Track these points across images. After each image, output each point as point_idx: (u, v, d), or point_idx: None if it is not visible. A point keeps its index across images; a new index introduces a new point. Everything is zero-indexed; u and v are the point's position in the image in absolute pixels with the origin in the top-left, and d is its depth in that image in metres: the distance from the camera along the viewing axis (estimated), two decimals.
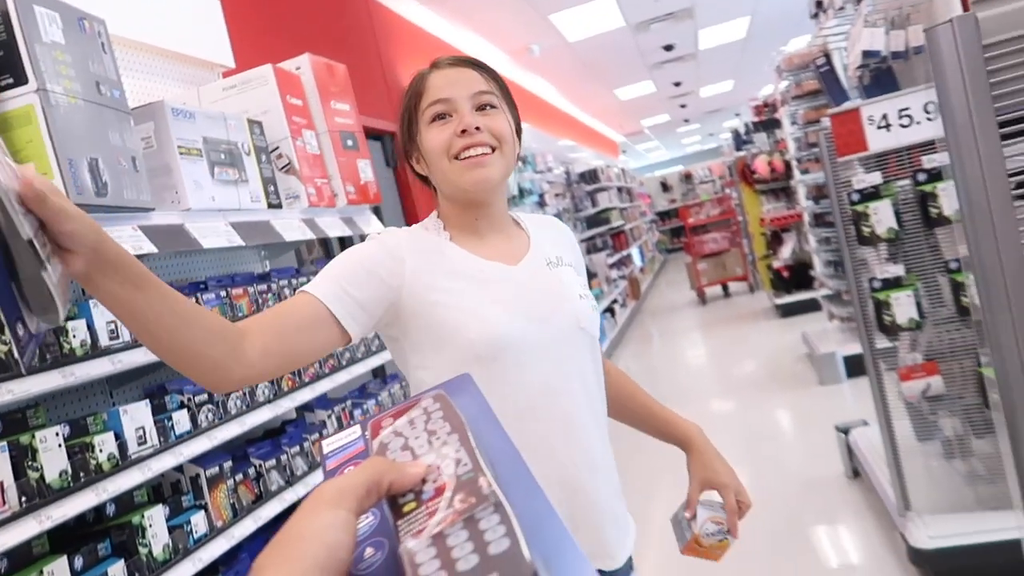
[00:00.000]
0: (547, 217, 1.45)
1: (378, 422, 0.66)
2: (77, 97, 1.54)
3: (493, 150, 1.23)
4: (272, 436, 2.37)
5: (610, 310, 9.02)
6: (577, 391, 1.22)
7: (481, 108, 1.24)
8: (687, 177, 22.82)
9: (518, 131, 1.31)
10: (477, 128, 1.21)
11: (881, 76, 3.04)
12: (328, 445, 0.68)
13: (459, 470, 0.54)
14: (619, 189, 13.10)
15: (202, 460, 1.95)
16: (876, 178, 2.75)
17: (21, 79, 1.44)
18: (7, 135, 1.45)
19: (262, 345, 1.03)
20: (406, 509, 0.53)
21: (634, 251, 12.95)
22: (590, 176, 10.77)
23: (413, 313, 1.19)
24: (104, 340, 1.67)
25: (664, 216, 22.28)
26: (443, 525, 0.49)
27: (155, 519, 1.73)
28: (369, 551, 0.54)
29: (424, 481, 0.55)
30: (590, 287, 1.47)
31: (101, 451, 1.61)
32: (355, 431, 0.69)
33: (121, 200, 1.61)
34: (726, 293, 11.36)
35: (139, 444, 1.71)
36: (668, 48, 9.84)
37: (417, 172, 1.33)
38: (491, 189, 1.25)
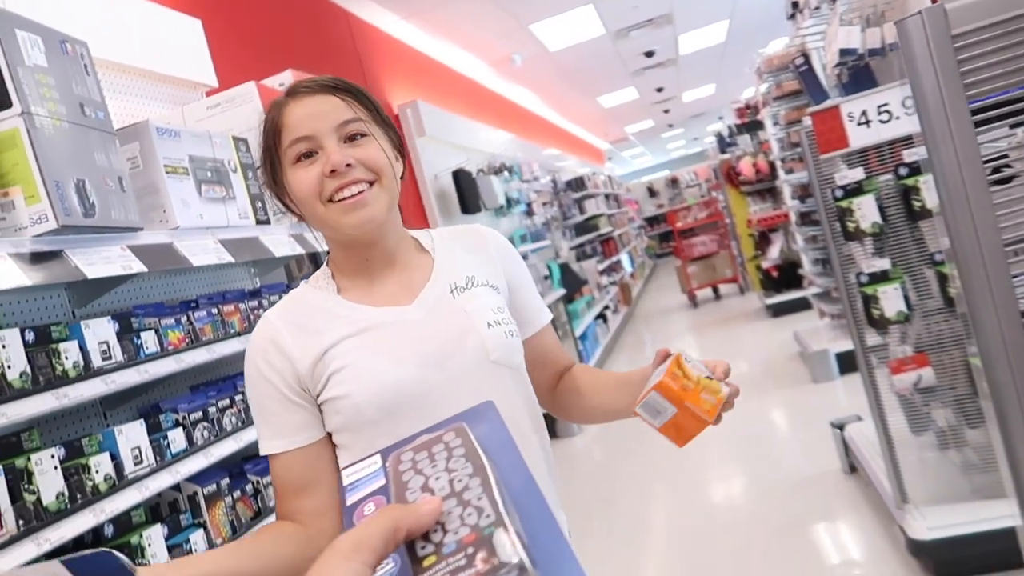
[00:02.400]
0: (466, 228, 1.29)
1: (398, 454, 0.65)
2: (62, 119, 1.55)
3: (372, 184, 1.09)
4: None
5: (602, 316, 9.03)
6: None
7: (350, 139, 1.10)
8: (673, 182, 22.92)
9: (400, 151, 1.18)
10: (348, 165, 1.07)
11: (859, 73, 3.08)
12: (348, 476, 0.68)
13: (481, 521, 0.52)
14: (606, 196, 13.15)
15: (199, 478, 1.95)
16: (859, 174, 2.78)
17: (5, 103, 1.45)
18: None
19: (310, 510, 1.09)
20: (426, 563, 0.51)
21: (624, 257, 12.99)
22: (577, 184, 10.81)
23: (319, 393, 1.12)
24: (97, 361, 1.68)
25: (652, 221, 22.36)
26: None
27: (154, 539, 1.73)
28: None
29: (446, 532, 0.53)
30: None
31: (97, 472, 1.61)
32: (375, 462, 0.68)
33: (109, 220, 1.62)
34: (717, 295, 11.40)
35: (135, 464, 1.71)
36: (649, 54, 9.91)
37: (295, 211, 1.17)
38: (377, 227, 1.11)
